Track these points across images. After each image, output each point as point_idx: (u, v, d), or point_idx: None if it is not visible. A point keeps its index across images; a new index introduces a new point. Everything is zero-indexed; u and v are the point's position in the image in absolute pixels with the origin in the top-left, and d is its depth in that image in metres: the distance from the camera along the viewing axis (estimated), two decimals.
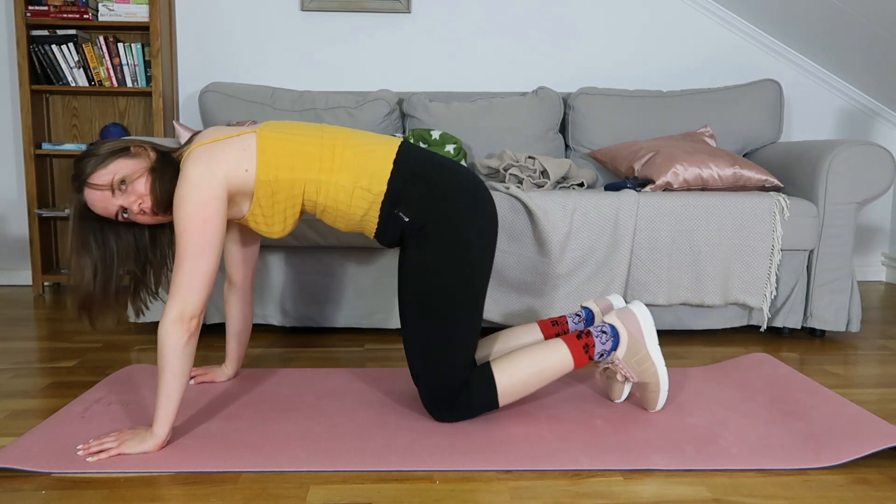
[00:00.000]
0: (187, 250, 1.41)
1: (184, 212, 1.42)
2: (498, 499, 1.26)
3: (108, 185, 1.48)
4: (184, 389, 1.43)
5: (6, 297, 3.04)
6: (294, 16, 3.23)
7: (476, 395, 1.54)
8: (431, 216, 1.52)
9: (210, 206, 1.43)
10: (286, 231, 1.61)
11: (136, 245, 1.61)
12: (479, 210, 1.56)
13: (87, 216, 1.53)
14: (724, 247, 2.26)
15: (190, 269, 1.41)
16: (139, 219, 1.53)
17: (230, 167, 1.47)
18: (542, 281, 2.23)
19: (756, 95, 2.89)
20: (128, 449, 1.40)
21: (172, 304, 1.41)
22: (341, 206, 1.55)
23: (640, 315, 1.61)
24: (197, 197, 1.42)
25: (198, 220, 1.41)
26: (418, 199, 1.52)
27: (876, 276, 3.54)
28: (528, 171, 2.53)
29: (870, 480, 1.33)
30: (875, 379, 1.96)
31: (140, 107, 3.26)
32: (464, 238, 1.52)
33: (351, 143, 1.56)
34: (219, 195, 1.44)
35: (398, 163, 1.54)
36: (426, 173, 1.55)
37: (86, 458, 1.37)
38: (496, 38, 3.29)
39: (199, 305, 1.42)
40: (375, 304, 2.36)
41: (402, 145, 1.59)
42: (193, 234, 1.41)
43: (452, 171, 1.58)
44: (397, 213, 1.53)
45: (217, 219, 1.44)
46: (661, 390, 1.62)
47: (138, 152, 1.53)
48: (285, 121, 1.61)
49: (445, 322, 1.52)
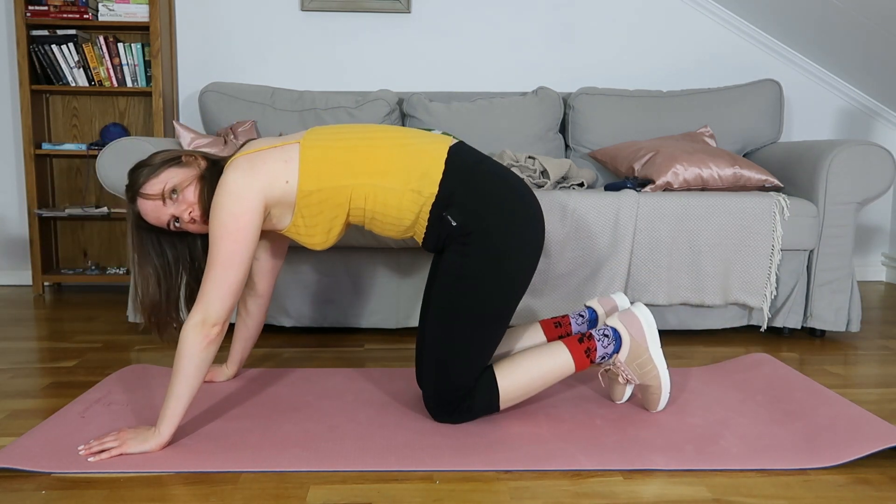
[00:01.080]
0: (217, 259, 1.41)
1: (218, 220, 1.42)
2: (498, 499, 1.26)
3: (160, 194, 1.49)
4: (194, 393, 1.43)
5: (6, 297, 3.04)
6: (294, 16, 3.23)
7: (478, 398, 1.54)
8: (479, 224, 1.48)
9: (244, 217, 1.42)
10: (328, 243, 1.59)
11: (190, 255, 1.62)
12: (528, 224, 1.52)
13: (143, 226, 1.55)
14: (724, 247, 2.26)
15: (218, 278, 1.41)
16: (190, 227, 1.54)
17: (269, 178, 1.46)
18: (542, 281, 2.23)
19: (756, 95, 2.89)
20: (130, 449, 1.39)
21: (197, 309, 1.42)
22: (391, 211, 1.52)
23: (643, 317, 1.61)
24: (232, 206, 1.41)
25: (231, 230, 1.41)
26: (469, 204, 1.48)
27: (876, 276, 3.54)
28: (528, 171, 2.53)
29: (870, 480, 1.33)
30: (875, 379, 1.96)
31: (140, 107, 3.26)
32: (507, 252, 1.49)
33: (399, 143, 1.52)
34: (255, 207, 1.44)
35: (450, 164, 1.50)
36: (479, 178, 1.51)
37: (87, 459, 1.37)
38: (496, 38, 3.29)
39: (223, 314, 1.42)
40: (376, 305, 2.36)
41: (454, 146, 1.55)
42: (226, 243, 1.41)
43: (505, 180, 1.54)
44: (446, 217, 1.49)
45: (250, 230, 1.43)
46: (663, 392, 1.62)
47: (189, 161, 1.54)
48: (332, 125, 1.58)
49: (470, 332, 1.51)
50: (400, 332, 2.46)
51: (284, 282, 2.34)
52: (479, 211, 1.49)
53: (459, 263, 1.50)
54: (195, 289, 1.63)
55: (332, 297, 2.35)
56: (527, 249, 1.52)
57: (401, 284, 2.34)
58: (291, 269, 2.33)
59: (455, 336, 1.51)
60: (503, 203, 1.50)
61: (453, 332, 1.51)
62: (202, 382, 1.80)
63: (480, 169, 1.53)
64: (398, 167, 1.49)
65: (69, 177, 3.27)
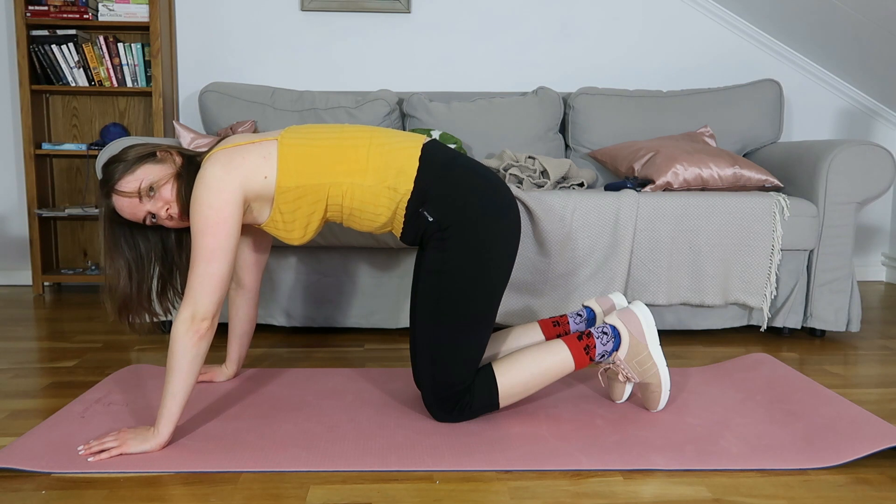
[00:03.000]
0: (201, 253, 1.41)
1: (199, 214, 1.42)
2: (498, 499, 1.26)
3: (136, 191, 1.49)
4: (190, 390, 1.43)
5: (6, 297, 3.04)
6: (294, 16, 3.23)
7: (477, 396, 1.54)
8: (456, 218, 1.50)
9: (225, 210, 1.42)
10: (306, 238, 1.60)
11: (163, 247, 1.62)
12: (503, 216, 1.54)
13: (117, 220, 1.54)
14: (724, 247, 2.26)
15: (203, 272, 1.41)
16: (166, 223, 1.54)
17: (248, 173, 1.46)
18: (541, 281, 2.23)
19: (756, 95, 2.89)
20: (129, 448, 1.39)
21: (185, 305, 1.41)
22: (367, 208, 1.54)
23: (642, 315, 1.61)
24: (212, 200, 1.42)
25: (211, 223, 1.41)
26: (444, 199, 1.51)
27: (876, 276, 3.54)
28: (528, 171, 2.53)
29: (870, 480, 1.33)
30: (875, 379, 1.96)
31: (140, 107, 3.26)
32: (485, 244, 1.51)
33: (375, 142, 1.54)
34: (234, 199, 1.44)
35: (424, 161, 1.53)
36: (453, 174, 1.53)
37: (87, 459, 1.37)
38: (496, 38, 3.29)
39: (211, 308, 1.42)
40: (376, 305, 2.36)
41: (428, 143, 1.58)
42: (208, 237, 1.41)
43: (477, 173, 1.56)
44: (422, 212, 1.52)
45: (231, 222, 1.43)
46: (663, 390, 1.62)
47: (164, 157, 1.54)
48: (308, 124, 1.59)
49: (459, 326, 1.52)
50: (400, 332, 2.46)
51: (284, 282, 2.34)
52: (454, 205, 1.51)
53: (440, 258, 1.52)
54: (168, 281, 1.64)
55: (331, 297, 2.35)
56: (505, 239, 1.54)
57: (400, 284, 2.34)
58: (291, 269, 2.33)
59: (444, 332, 1.52)
60: (478, 195, 1.53)
61: (442, 329, 1.52)
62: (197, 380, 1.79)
63: (453, 164, 1.55)
64: (373, 166, 1.51)
65: (69, 177, 3.27)
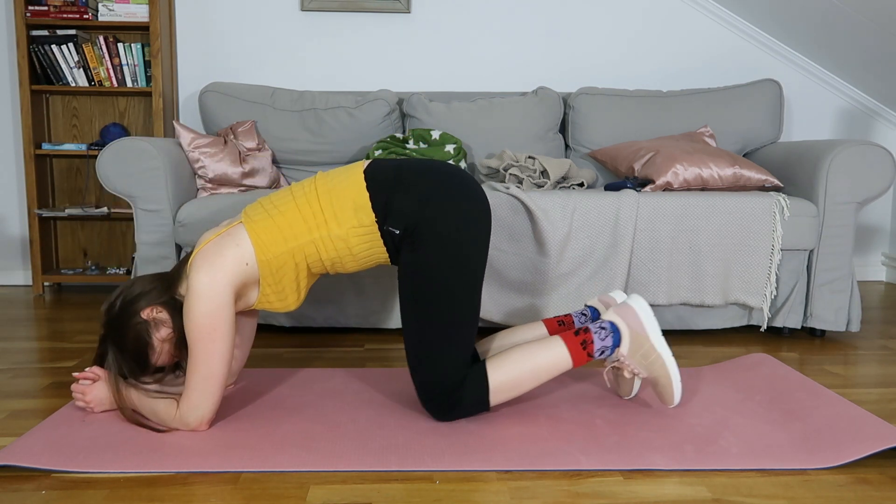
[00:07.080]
0: (198, 359, 1.46)
1: (194, 324, 1.45)
2: (498, 499, 1.26)
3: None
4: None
5: (6, 297, 3.04)
6: (294, 16, 3.23)
7: (468, 392, 1.53)
8: (418, 220, 1.52)
9: (218, 316, 1.45)
10: (301, 299, 1.63)
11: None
12: (463, 201, 1.55)
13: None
14: (724, 247, 2.26)
15: (202, 378, 1.47)
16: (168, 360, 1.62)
17: (231, 267, 1.49)
18: (542, 281, 2.23)
19: (756, 95, 2.89)
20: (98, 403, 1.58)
21: (189, 409, 1.49)
22: (345, 254, 1.57)
23: (639, 308, 1.58)
24: (204, 308, 1.45)
25: (207, 330, 1.45)
26: (403, 208, 1.53)
27: (876, 276, 3.54)
28: (528, 171, 2.53)
29: (870, 480, 1.33)
30: (875, 379, 1.96)
31: (140, 107, 3.26)
32: (453, 234, 1.52)
33: (321, 190, 1.56)
34: (226, 301, 1.47)
35: (371, 184, 1.55)
36: (403, 181, 1.55)
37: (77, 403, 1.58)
38: (496, 38, 3.29)
39: (212, 409, 1.51)
40: (375, 305, 2.36)
41: (369, 165, 1.59)
42: (205, 343, 1.45)
43: (431, 171, 1.58)
44: (388, 230, 1.54)
45: (226, 326, 1.47)
46: (674, 381, 1.57)
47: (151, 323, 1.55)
48: (261, 198, 1.63)
49: (442, 321, 1.52)
50: (400, 332, 2.46)
51: None
52: (412, 209, 1.52)
53: (413, 260, 1.53)
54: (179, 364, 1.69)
55: (331, 297, 2.35)
56: (471, 222, 1.55)
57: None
58: None
59: (426, 332, 1.52)
60: (432, 191, 1.54)
61: (424, 329, 1.53)
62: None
63: (400, 173, 1.57)
64: (331, 214, 1.54)
65: (69, 177, 3.27)
